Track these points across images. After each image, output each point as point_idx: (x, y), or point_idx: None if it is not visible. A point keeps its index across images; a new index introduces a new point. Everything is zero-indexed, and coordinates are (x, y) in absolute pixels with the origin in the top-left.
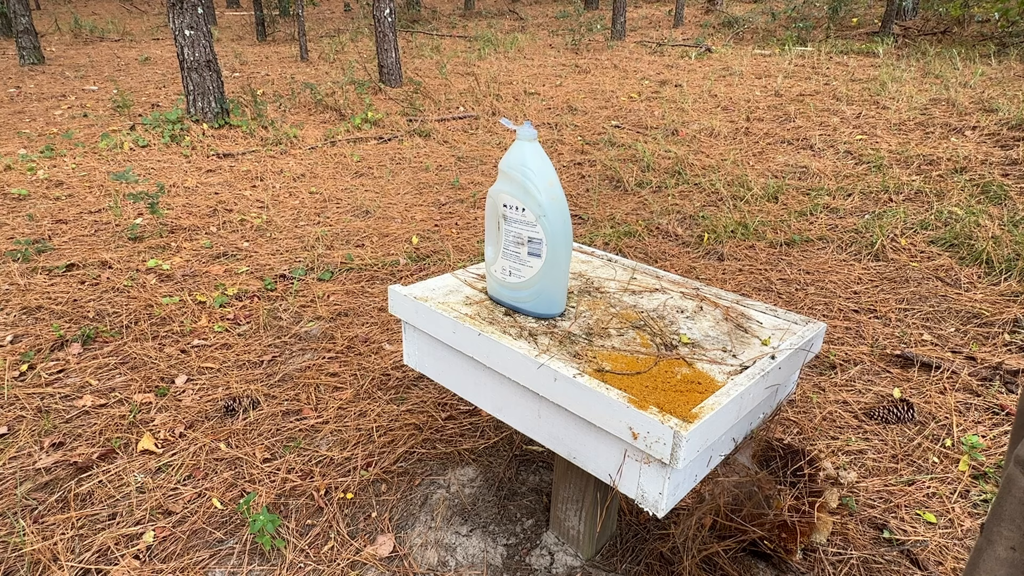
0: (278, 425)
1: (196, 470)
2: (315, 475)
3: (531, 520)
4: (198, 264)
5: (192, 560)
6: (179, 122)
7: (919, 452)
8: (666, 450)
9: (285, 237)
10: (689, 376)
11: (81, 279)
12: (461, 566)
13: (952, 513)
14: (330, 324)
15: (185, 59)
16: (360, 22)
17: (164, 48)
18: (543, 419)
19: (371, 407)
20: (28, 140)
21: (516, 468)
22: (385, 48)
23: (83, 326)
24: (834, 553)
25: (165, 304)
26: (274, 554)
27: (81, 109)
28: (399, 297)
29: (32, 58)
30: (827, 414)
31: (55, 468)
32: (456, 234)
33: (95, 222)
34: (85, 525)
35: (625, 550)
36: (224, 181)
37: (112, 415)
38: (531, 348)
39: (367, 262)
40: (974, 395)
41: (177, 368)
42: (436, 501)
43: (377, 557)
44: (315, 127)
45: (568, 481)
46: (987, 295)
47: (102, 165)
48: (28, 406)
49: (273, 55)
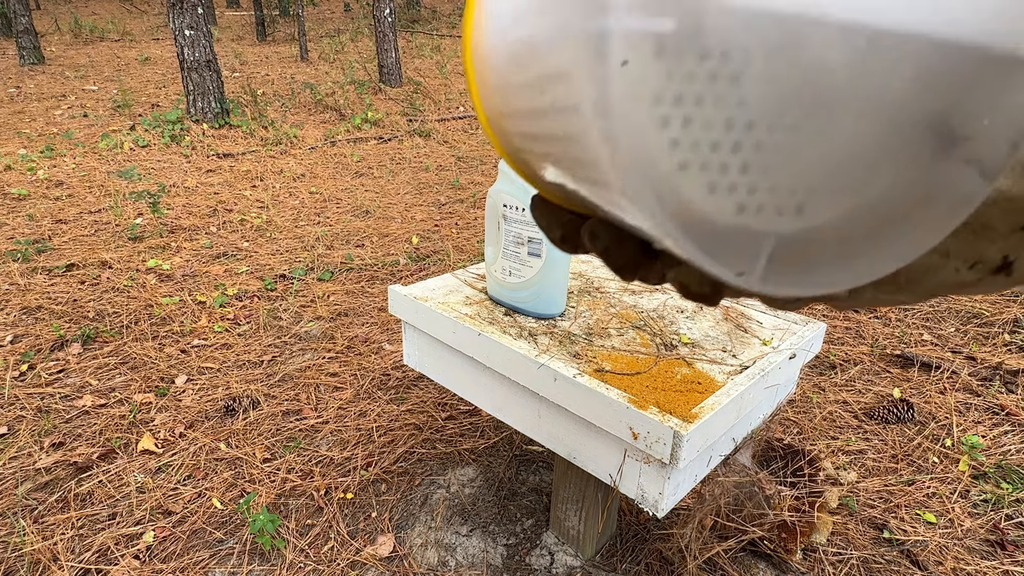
0: (278, 425)
1: (196, 470)
2: (315, 475)
3: (531, 520)
4: (198, 264)
5: (192, 560)
6: (179, 122)
7: (919, 452)
8: (666, 450)
9: (285, 237)
10: (689, 376)
11: (81, 279)
12: (461, 566)
13: (952, 513)
14: (330, 324)
15: (185, 59)
16: (360, 22)
17: (164, 48)
18: (543, 419)
19: (371, 407)
20: (28, 140)
21: (516, 468)
22: (385, 48)
23: (83, 326)
24: (834, 553)
25: (165, 304)
26: (274, 554)
27: (81, 109)
28: (399, 297)
29: (32, 58)
30: (827, 414)
31: (55, 468)
32: (456, 234)
33: (95, 222)
34: (85, 525)
35: (625, 550)
36: (224, 181)
37: (112, 415)
38: (531, 348)
39: (367, 262)
40: (974, 395)
41: (177, 368)
42: (436, 501)
43: (377, 557)
44: (315, 127)
45: (568, 481)
46: (987, 295)
47: (102, 165)
48: (28, 406)
49: (273, 55)
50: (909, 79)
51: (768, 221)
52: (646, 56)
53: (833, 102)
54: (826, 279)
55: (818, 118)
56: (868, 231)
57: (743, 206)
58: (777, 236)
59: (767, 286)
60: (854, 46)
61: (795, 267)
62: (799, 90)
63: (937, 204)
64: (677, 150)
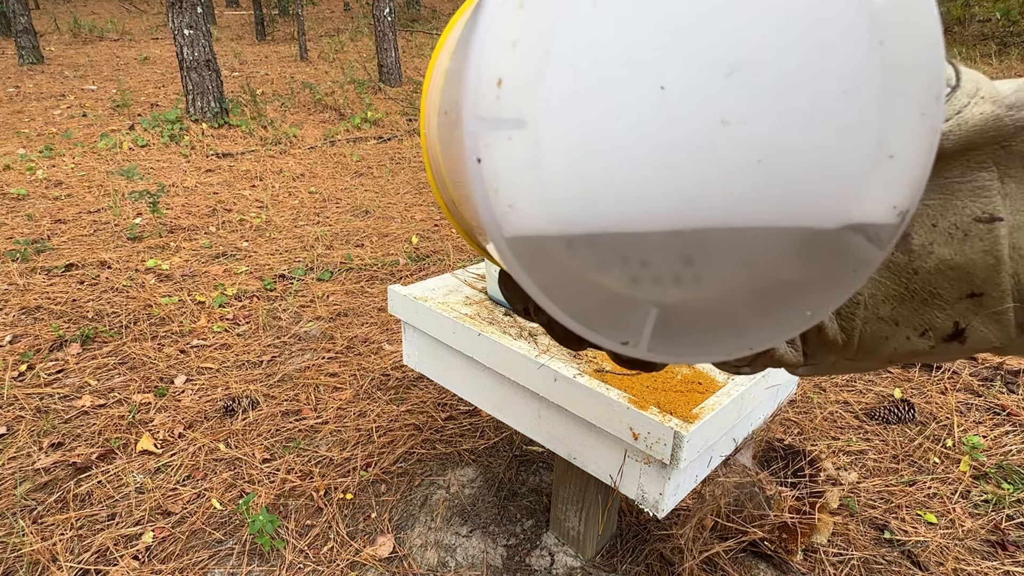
0: (277, 425)
1: (195, 470)
2: (314, 475)
3: (531, 521)
4: (197, 264)
5: (191, 561)
6: (178, 122)
7: (920, 452)
8: (666, 450)
9: (284, 237)
10: (689, 376)
11: (80, 279)
12: (461, 567)
13: (953, 513)
14: (329, 324)
15: (184, 58)
16: (360, 21)
17: (163, 48)
18: (543, 419)
19: (371, 407)
20: (27, 140)
21: (516, 469)
22: (385, 47)
23: (82, 326)
24: (835, 554)
25: (164, 304)
26: (273, 555)
27: (80, 109)
28: (399, 297)
29: (31, 58)
30: (828, 414)
31: (54, 468)
32: (456, 234)
33: (94, 222)
34: (84, 526)
35: (625, 551)
36: (223, 181)
37: (111, 415)
38: (531, 348)
39: (367, 262)
40: (975, 395)
41: (176, 368)
42: (436, 502)
43: (377, 558)
44: (314, 127)
45: (568, 482)
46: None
47: (101, 165)
48: (27, 406)
49: (272, 54)
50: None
51: (657, 291)
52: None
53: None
54: (717, 347)
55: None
56: (760, 300)
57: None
58: (662, 306)
59: (655, 355)
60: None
61: (683, 336)
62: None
63: (829, 271)
64: None
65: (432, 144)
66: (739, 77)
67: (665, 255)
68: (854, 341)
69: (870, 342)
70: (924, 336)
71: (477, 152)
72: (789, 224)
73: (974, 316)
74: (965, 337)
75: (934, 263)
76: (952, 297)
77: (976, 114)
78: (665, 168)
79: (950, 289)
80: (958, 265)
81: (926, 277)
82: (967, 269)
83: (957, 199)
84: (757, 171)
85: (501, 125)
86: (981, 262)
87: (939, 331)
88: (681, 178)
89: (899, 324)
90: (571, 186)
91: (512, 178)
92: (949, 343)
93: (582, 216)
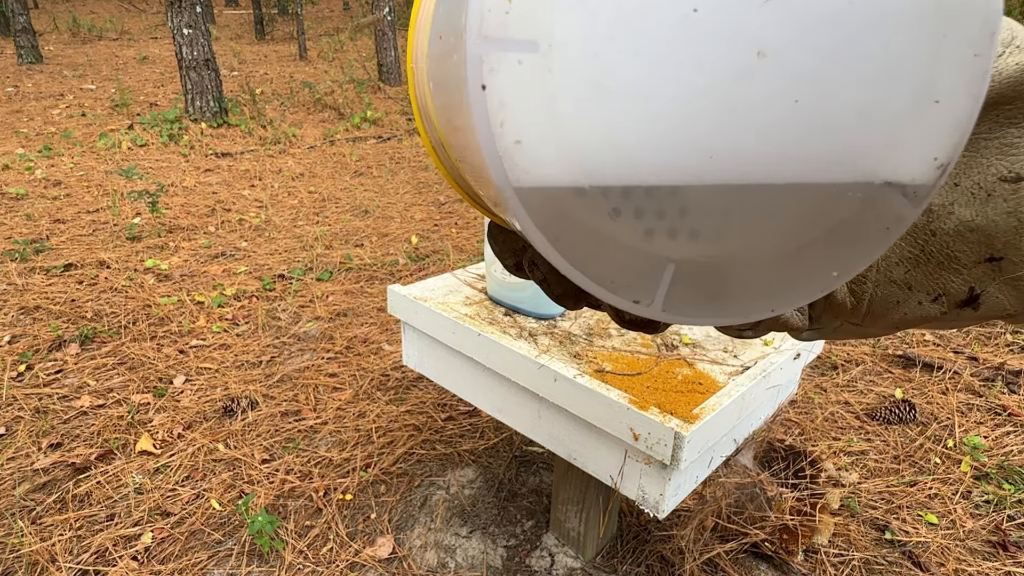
0: (277, 426)
1: (194, 471)
2: (314, 476)
3: (531, 521)
4: (196, 264)
5: (191, 561)
6: (177, 121)
7: (921, 453)
8: (667, 451)
9: (284, 237)
10: (690, 376)
11: (79, 279)
12: (461, 568)
13: (954, 514)
14: (329, 324)
15: (183, 58)
16: (360, 21)
17: (162, 47)
18: (543, 420)
19: (370, 408)
20: (26, 139)
21: (516, 469)
22: (384, 47)
23: (81, 326)
24: (836, 554)
25: (163, 304)
26: (273, 555)
27: (79, 108)
28: (398, 297)
29: (30, 57)
30: (829, 415)
31: (53, 469)
32: (456, 234)
33: (93, 222)
34: (83, 526)
35: (626, 551)
36: (222, 180)
37: (110, 416)
38: (531, 348)
39: (366, 262)
40: (976, 396)
41: (175, 368)
42: (436, 502)
43: (376, 558)
44: (314, 126)
45: (568, 482)
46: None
47: (100, 164)
48: (26, 406)
49: (272, 54)
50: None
51: (672, 246)
52: (508, 78)
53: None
54: (735, 308)
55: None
56: (785, 259)
57: (651, 230)
58: (679, 262)
59: (669, 315)
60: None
61: (700, 295)
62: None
63: (860, 228)
64: None
65: (420, 79)
66: (778, 2)
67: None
68: (863, 305)
69: (880, 306)
70: (936, 301)
71: (481, 78)
72: (823, 175)
73: (991, 281)
74: (979, 303)
75: (954, 224)
76: (970, 261)
77: (1011, 64)
78: (695, 101)
79: (968, 252)
80: (979, 227)
81: (944, 239)
82: (988, 231)
83: (983, 156)
84: (793, 113)
85: (510, 45)
86: (1004, 224)
87: (953, 296)
88: (711, 119)
89: (912, 288)
90: (587, 126)
91: (521, 109)
92: (962, 309)
93: (598, 162)
